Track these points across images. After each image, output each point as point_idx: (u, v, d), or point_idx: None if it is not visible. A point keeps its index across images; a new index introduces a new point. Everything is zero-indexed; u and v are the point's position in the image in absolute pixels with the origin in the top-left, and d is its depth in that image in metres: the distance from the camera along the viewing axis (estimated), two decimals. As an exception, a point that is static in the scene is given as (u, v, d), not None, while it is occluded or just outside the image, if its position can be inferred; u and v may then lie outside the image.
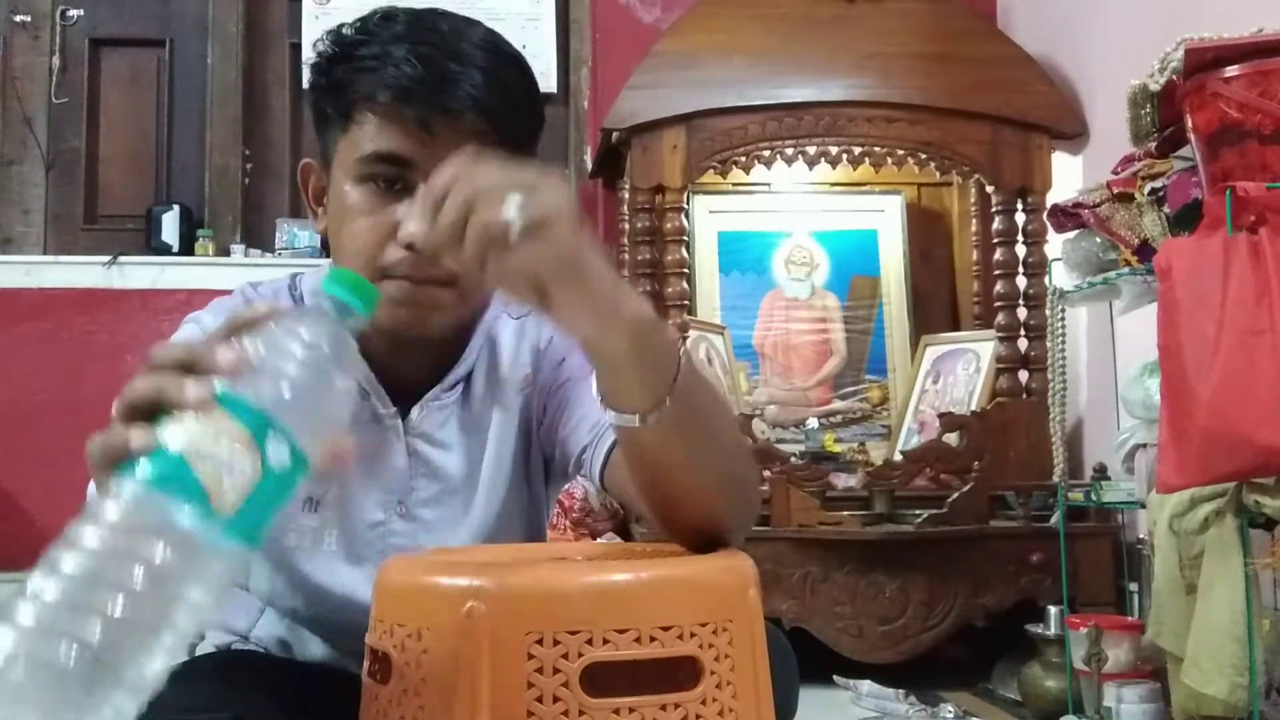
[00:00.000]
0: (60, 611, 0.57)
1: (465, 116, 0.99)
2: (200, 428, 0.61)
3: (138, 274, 3.48)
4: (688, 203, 3.08)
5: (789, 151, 3.04)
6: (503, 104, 1.01)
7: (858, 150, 3.04)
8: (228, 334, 0.67)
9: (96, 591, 0.57)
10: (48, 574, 0.58)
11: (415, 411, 1.11)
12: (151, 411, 0.64)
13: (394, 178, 1.01)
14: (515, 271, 0.74)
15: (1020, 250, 3.02)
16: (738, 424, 2.61)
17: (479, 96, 0.99)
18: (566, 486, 1.93)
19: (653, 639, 0.73)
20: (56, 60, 3.62)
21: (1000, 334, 3.00)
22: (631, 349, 0.80)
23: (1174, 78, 1.85)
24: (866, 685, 2.54)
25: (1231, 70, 1.74)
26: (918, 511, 2.75)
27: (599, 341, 0.81)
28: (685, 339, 2.92)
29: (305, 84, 1.08)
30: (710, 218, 3.37)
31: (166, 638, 0.60)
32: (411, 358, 1.10)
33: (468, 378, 1.14)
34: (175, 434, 0.61)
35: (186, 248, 3.55)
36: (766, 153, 3.04)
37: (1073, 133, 3.04)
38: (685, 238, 3.03)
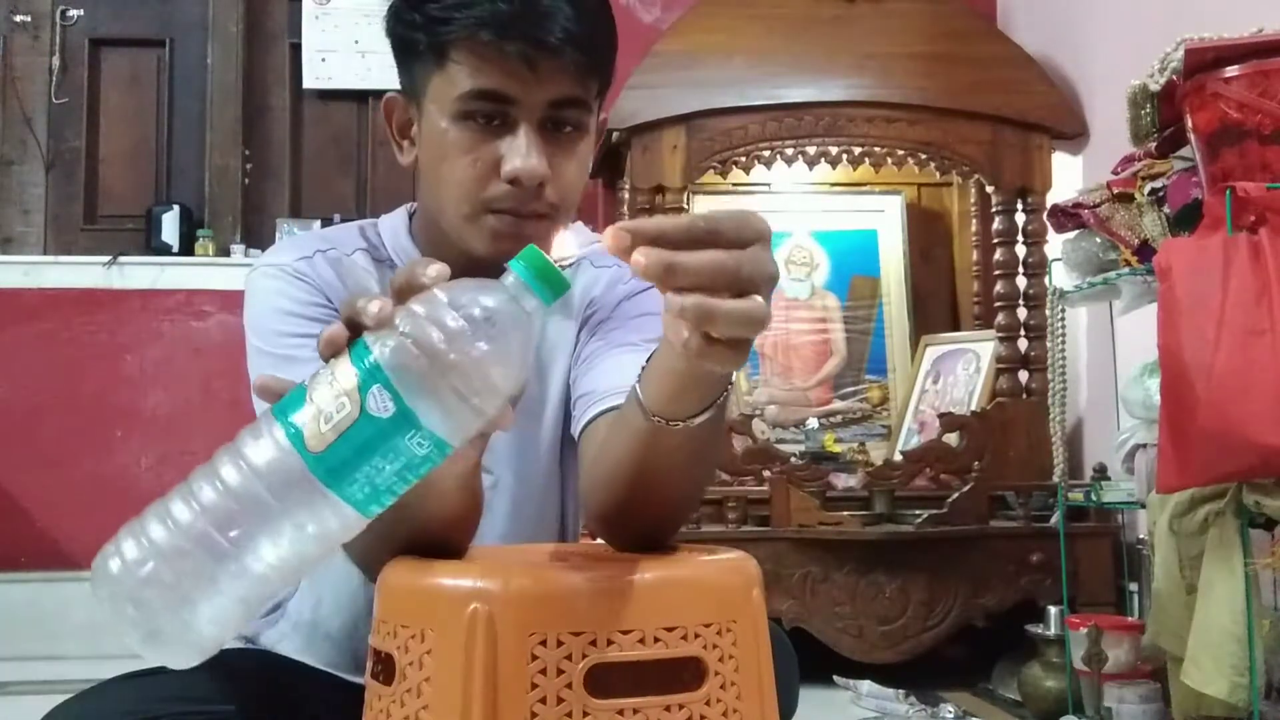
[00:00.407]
0: (160, 527, 0.64)
1: (563, 51, 0.99)
2: (328, 370, 0.66)
3: (138, 274, 3.48)
4: (688, 203, 3.08)
5: (789, 151, 3.04)
6: (593, 36, 1.02)
7: (858, 150, 3.04)
8: (399, 285, 0.68)
9: (192, 514, 0.64)
10: (173, 491, 0.65)
11: None
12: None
13: (493, 114, 1.02)
14: (725, 317, 0.68)
15: (1020, 250, 3.02)
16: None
17: (573, 29, 0.99)
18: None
19: (656, 640, 0.73)
20: (56, 60, 3.62)
21: (1000, 334, 3.00)
22: (717, 375, 0.79)
23: (1174, 78, 1.85)
24: (866, 685, 2.54)
25: (1231, 70, 1.74)
26: (918, 511, 2.75)
27: (714, 370, 0.76)
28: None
29: (387, 14, 1.06)
30: (710, 218, 3.37)
31: (249, 572, 0.64)
32: None
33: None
34: (314, 375, 0.66)
35: (186, 248, 3.55)
36: (766, 153, 3.04)
37: (1073, 133, 3.04)
38: (685, 238, 3.02)
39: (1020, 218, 3.03)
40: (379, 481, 0.65)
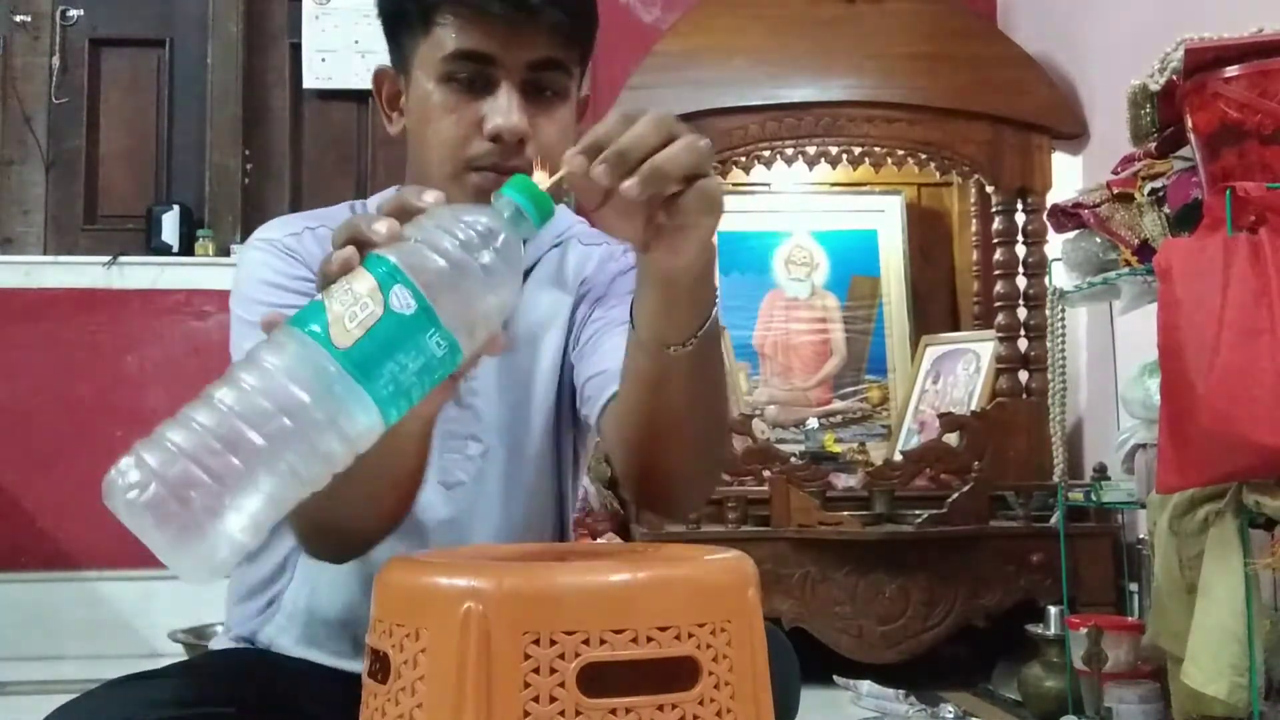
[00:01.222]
0: (186, 432, 0.64)
1: (544, 13, 1.04)
2: (342, 282, 0.69)
3: (138, 274, 3.48)
4: (688, 203, 3.07)
5: (789, 151, 3.04)
6: (573, 2, 1.06)
7: (858, 150, 3.04)
8: (393, 210, 0.74)
9: (222, 416, 0.64)
10: (197, 399, 0.66)
11: None
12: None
13: (476, 75, 1.06)
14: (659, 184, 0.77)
15: (1020, 250, 3.02)
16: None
17: None
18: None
19: (650, 639, 0.72)
20: (56, 60, 3.62)
21: (1000, 334, 3.00)
22: (697, 284, 0.87)
23: (1174, 78, 1.85)
24: (866, 685, 2.54)
25: (1231, 70, 1.74)
26: (918, 511, 2.75)
27: (681, 273, 0.85)
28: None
29: None
30: (710, 218, 3.37)
31: (283, 471, 0.65)
32: None
33: (531, 269, 1.19)
34: (326, 291, 0.69)
35: (186, 248, 3.55)
36: (766, 153, 3.04)
37: (1073, 133, 3.04)
38: (685, 238, 3.03)
39: (1020, 218, 3.03)
40: (402, 380, 0.67)
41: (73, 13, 3.65)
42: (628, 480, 1.02)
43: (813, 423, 3.20)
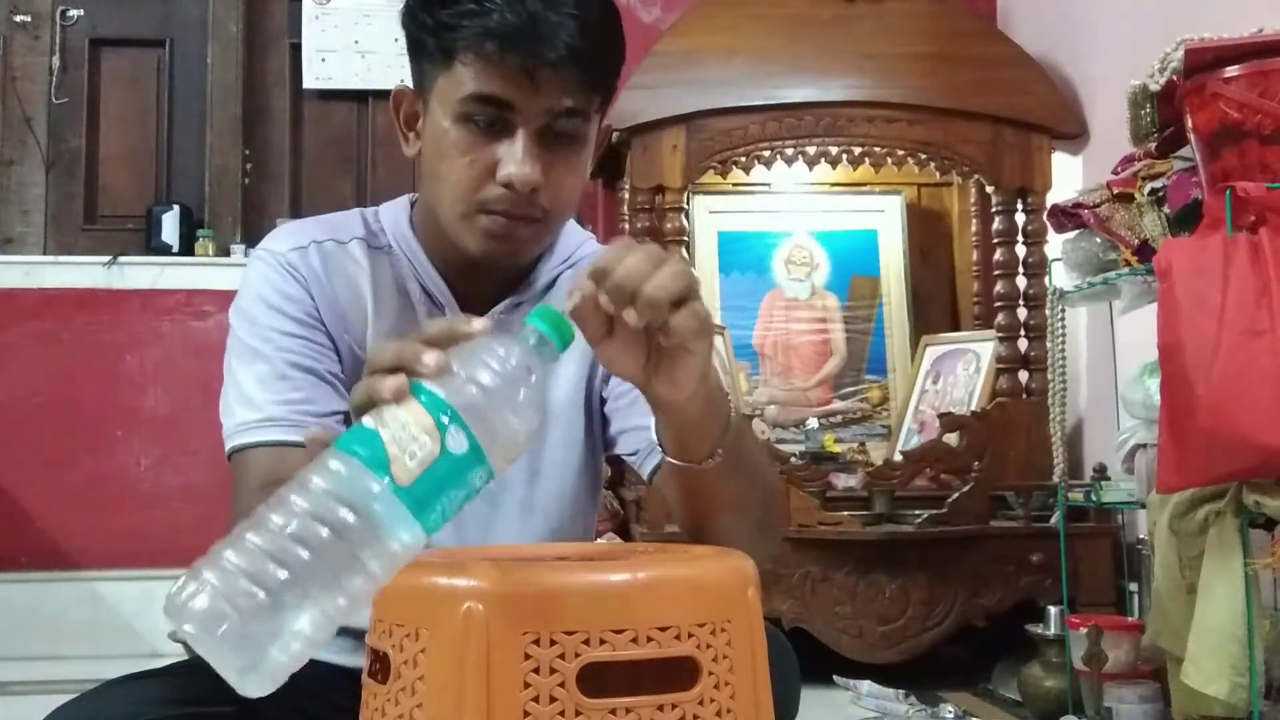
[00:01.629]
0: (250, 558, 0.66)
1: (564, 66, 1.03)
2: (394, 412, 0.71)
3: (138, 274, 3.48)
4: (688, 203, 3.08)
5: (789, 151, 3.03)
6: (596, 52, 1.05)
7: (858, 150, 3.04)
8: (441, 338, 0.76)
9: (285, 543, 0.66)
10: (254, 523, 0.67)
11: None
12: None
13: (493, 119, 1.05)
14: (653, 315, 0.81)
15: (1020, 250, 3.02)
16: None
17: (575, 45, 1.02)
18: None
19: (650, 639, 0.73)
20: (56, 60, 3.62)
21: (1000, 334, 2.99)
22: (706, 409, 0.91)
23: (1174, 78, 1.85)
24: (866, 685, 2.54)
25: (1231, 70, 1.74)
26: (918, 511, 2.75)
27: (685, 404, 0.89)
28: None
29: (403, 11, 1.11)
30: (710, 218, 3.37)
31: (337, 597, 0.67)
32: (486, 282, 1.17)
33: (546, 289, 1.20)
34: (375, 416, 0.72)
35: (186, 248, 3.54)
36: (766, 153, 3.04)
37: (1073, 133, 3.04)
38: (685, 238, 3.03)
39: (1020, 218, 3.03)
40: (448, 510, 0.71)
41: (73, 13, 3.65)
42: (686, 537, 1.05)
43: (813, 423, 3.20)
